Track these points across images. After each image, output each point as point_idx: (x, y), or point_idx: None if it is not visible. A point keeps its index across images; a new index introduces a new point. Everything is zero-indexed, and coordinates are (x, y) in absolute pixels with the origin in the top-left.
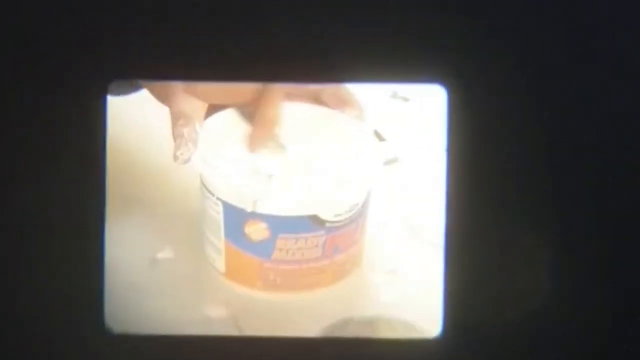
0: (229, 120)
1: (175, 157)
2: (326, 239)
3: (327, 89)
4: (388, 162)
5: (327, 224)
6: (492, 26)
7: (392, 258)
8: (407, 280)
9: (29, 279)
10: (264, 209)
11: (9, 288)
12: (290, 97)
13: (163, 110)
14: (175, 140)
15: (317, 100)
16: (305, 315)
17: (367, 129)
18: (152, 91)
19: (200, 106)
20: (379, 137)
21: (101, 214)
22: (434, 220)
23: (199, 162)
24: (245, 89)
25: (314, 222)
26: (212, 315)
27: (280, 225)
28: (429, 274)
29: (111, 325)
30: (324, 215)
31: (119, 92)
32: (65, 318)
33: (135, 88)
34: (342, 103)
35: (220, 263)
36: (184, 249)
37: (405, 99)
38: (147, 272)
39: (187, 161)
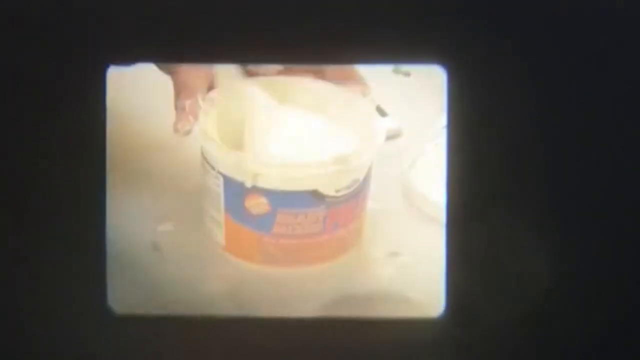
0: (233, 94)
1: (176, 129)
2: (326, 214)
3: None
4: (390, 138)
5: (328, 199)
6: (491, 7)
7: (392, 234)
8: (408, 255)
9: (31, 260)
10: (264, 183)
11: (10, 270)
12: (293, 72)
13: (165, 82)
14: (176, 112)
15: (321, 75)
16: (305, 290)
17: (369, 104)
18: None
19: (204, 79)
20: (381, 113)
21: (102, 193)
22: (436, 197)
23: (201, 136)
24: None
25: (315, 197)
26: (212, 289)
27: (281, 199)
28: (430, 249)
29: (114, 307)
30: (325, 190)
31: (119, 63)
32: (67, 299)
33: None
34: (345, 78)
35: (220, 237)
36: (185, 222)
37: (407, 74)
38: (149, 253)
39: (187, 134)
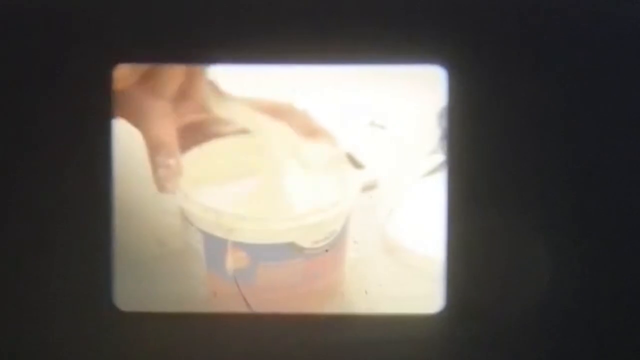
0: (210, 152)
1: (163, 188)
2: (306, 265)
3: (296, 119)
4: (366, 189)
5: (306, 251)
6: (493, 7)
7: (373, 284)
8: (389, 305)
9: (37, 257)
10: (242, 237)
11: (17, 267)
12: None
13: None
14: (157, 170)
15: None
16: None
17: (341, 156)
18: (125, 116)
19: (174, 134)
20: (356, 164)
21: (109, 191)
22: (414, 246)
23: (179, 194)
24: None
25: (293, 249)
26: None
27: (260, 253)
28: (411, 297)
29: (120, 304)
30: (302, 242)
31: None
32: (73, 297)
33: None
34: (311, 133)
35: (203, 292)
36: None
37: (382, 127)
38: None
39: (172, 191)
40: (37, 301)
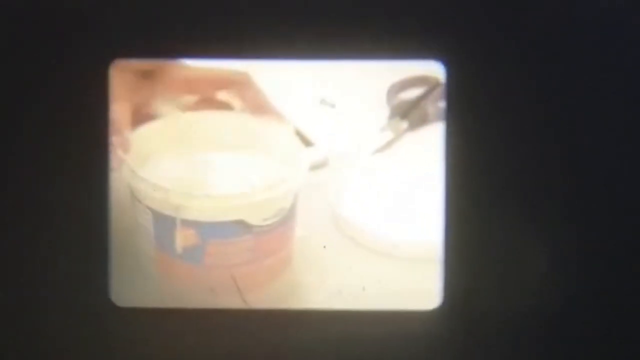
0: (158, 130)
1: None
2: (255, 243)
3: (249, 93)
4: (316, 167)
5: (255, 229)
6: (491, 2)
7: (322, 261)
8: (337, 283)
9: (33, 254)
10: (191, 215)
11: (13, 262)
12: (206, 105)
13: None
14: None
15: (231, 107)
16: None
17: (290, 134)
18: None
19: (127, 114)
20: (306, 142)
21: (105, 186)
22: (363, 223)
23: (128, 172)
24: None
25: (242, 226)
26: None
27: (209, 231)
28: (358, 276)
29: (116, 299)
30: (251, 219)
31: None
32: (70, 293)
33: None
34: (259, 110)
35: (153, 270)
36: None
37: (332, 105)
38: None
39: (116, 168)
40: (33, 297)
